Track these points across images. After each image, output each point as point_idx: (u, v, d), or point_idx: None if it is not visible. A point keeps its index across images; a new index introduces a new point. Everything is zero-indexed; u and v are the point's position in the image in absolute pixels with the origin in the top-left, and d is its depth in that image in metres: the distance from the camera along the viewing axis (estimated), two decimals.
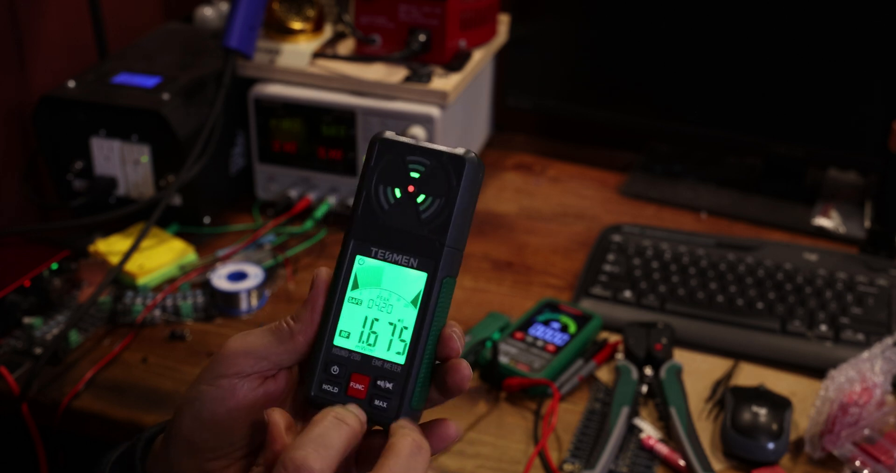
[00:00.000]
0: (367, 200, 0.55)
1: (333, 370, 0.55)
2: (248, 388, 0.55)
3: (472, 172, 0.54)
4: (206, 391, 0.55)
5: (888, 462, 0.85)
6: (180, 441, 0.56)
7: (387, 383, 0.54)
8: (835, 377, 0.87)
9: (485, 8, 1.23)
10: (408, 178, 0.54)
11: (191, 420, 0.55)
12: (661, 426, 0.91)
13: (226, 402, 0.55)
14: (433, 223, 0.54)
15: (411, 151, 0.54)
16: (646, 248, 1.14)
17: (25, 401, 0.92)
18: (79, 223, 1.11)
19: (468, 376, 0.55)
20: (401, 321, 0.54)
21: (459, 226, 0.54)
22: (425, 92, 1.14)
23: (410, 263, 0.54)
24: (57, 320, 1.02)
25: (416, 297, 0.54)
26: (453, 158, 0.54)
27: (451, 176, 0.54)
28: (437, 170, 0.54)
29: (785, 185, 1.33)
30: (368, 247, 0.55)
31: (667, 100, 1.33)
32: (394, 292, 0.54)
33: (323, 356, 0.55)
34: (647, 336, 0.98)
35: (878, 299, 1.06)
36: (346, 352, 0.55)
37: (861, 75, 1.22)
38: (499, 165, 1.40)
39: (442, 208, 0.54)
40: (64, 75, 1.23)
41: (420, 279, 0.54)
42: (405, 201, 0.54)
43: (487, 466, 0.87)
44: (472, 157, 0.54)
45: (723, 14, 1.25)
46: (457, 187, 0.54)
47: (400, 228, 0.54)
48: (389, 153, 0.54)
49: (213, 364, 0.55)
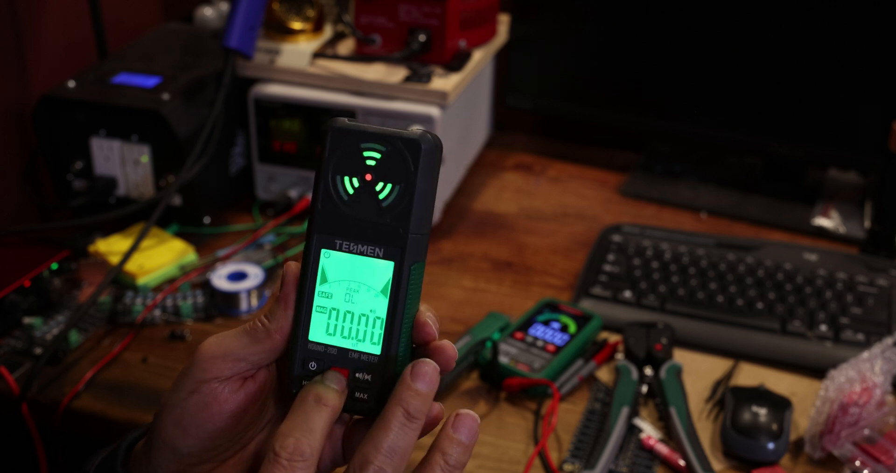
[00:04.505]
0: (325, 192, 0.53)
1: (311, 365, 0.54)
2: (230, 391, 0.55)
3: (428, 153, 0.52)
4: (187, 398, 0.54)
5: (888, 462, 0.85)
6: (162, 446, 0.55)
7: (365, 374, 0.54)
8: (835, 377, 0.87)
9: (485, 8, 1.23)
10: (364, 166, 0.53)
11: (172, 427, 0.55)
12: (661, 426, 0.91)
13: (208, 407, 0.54)
14: (394, 211, 0.53)
15: (365, 137, 0.53)
16: (646, 248, 1.14)
17: (25, 401, 0.92)
18: (79, 223, 1.11)
19: (454, 355, 0.54)
20: (373, 312, 0.54)
21: (421, 211, 0.53)
22: (425, 92, 1.14)
23: (376, 253, 0.53)
24: (57, 320, 1.02)
25: (385, 286, 0.53)
26: (408, 142, 0.52)
27: (407, 160, 0.52)
28: (393, 155, 0.52)
29: (785, 185, 1.33)
30: (332, 240, 0.54)
31: (667, 100, 1.33)
32: (363, 283, 0.53)
33: (300, 352, 0.54)
34: (647, 336, 0.98)
35: (878, 299, 1.06)
36: (321, 347, 0.54)
37: (861, 75, 1.22)
38: (499, 165, 1.40)
39: (402, 194, 0.52)
40: (64, 75, 1.23)
41: (387, 269, 0.53)
42: (364, 191, 0.53)
43: (487, 466, 0.87)
44: (428, 137, 0.52)
45: (723, 14, 1.25)
46: (415, 172, 0.52)
47: (362, 218, 0.53)
48: (344, 142, 0.53)
49: (191, 370, 0.55)
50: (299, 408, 0.52)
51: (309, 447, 0.50)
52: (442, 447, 0.52)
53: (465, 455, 0.52)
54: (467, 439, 0.52)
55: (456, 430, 0.52)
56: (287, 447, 0.50)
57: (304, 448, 0.50)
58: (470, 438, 0.52)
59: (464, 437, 0.52)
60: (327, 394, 0.52)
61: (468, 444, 0.52)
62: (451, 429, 0.52)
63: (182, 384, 0.55)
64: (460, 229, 1.24)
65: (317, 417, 0.51)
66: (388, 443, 0.50)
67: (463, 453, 0.52)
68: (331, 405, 0.52)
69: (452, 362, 0.54)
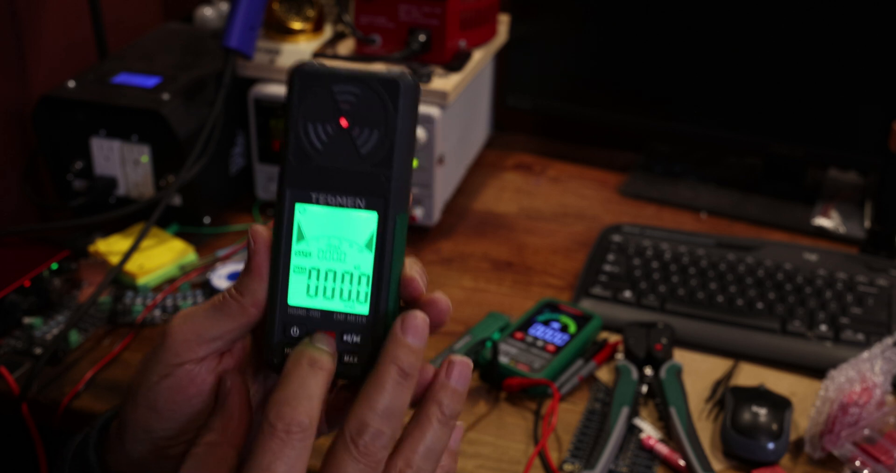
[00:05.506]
0: (297, 142, 0.50)
1: (293, 331, 0.51)
2: (207, 370, 0.51)
3: (408, 93, 0.49)
4: (160, 382, 0.50)
5: (888, 462, 0.85)
6: (135, 430, 0.52)
7: (354, 336, 0.50)
8: (835, 377, 0.87)
9: (485, 8, 1.23)
10: (338, 111, 0.49)
11: (146, 411, 0.51)
12: (661, 426, 0.91)
13: (184, 391, 0.51)
14: (375, 158, 0.49)
15: (337, 80, 0.49)
16: (646, 248, 1.14)
17: (25, 401, 0.92)
18: (79, 223, 1.11)
19: (447, 308, 0.51)
20: (357, 268, 0.50)
21: (403, 156, 0.50)
22: (425, 92, 1.14)
23: (357, 203, 0.50)
24: (57, 320, 1.02)
25: (369, 240, 0.50)
26: (385, 82, 0.49)
27: (386, 102, 0.49)
28: (370, 98, 0.49)
29: (785, 185, 1.33)
30: (307, 193, 0.50)
31: (667, 100, 1.33)
32: (344, 239, 0.50)
33: (279, 318, 0.51)
34: (647, 336, 0.98)
35: (878, 299, 1.06)
36: (303, 311, 0.51)
37: (861, 75, 1.22)
38: (499, 165, 1.40)
39: (382, 138, 0.49)
40: (64, 75, 1.23)
41: (371, 220, 0.50)
42: (340, 137, 0.50)
43: (487, 466, 0.87)
44: (407, 77, 0.49)
45: (723, 14, 1.25)
46: (395, 114, 0.49)
47: (339, 167, 0.50)
48: (314, 86, 0.49)
49: (162, 354, 0.51)
50: (293, 374, 0.48)
51: (307, 416, 0.46)
52: (437, 396, 0.49)
53: (460, 404, 0.49)
54: (461, 386, 0.50)
55: (449, 377, 0.49)
56: (284, 416, 0.46)
57: (301, 417, 0.46)
58: (464, 385, 0.50)
59: (458, 384, 0.49)
60: (321, 357, 0.48)
61: (462, 391, 0.50)
62: (445, 376, 0.49)
63: (153, 369, 0.51)
64: (460, 229, 1.24)
65: (313, 382, 0.47)
66: (384, 404, 0.47)
67: (458, 401, 0.49)
68: (326, 368, 0.48)
69: (445, 316, 0.51)
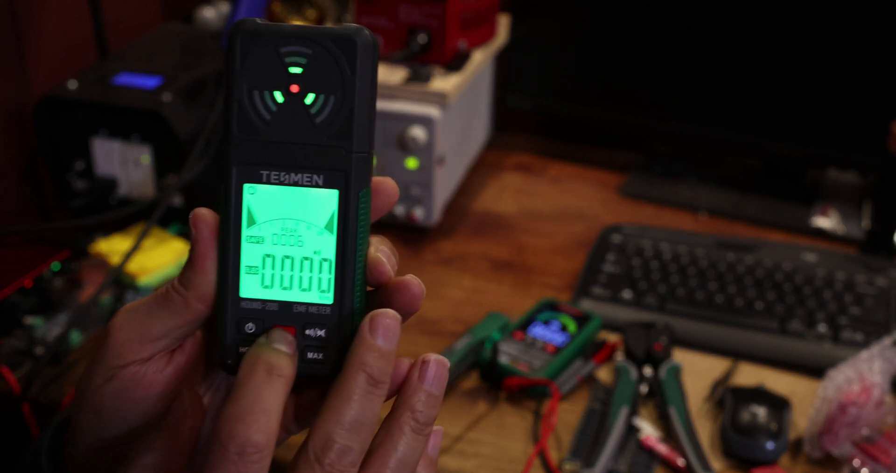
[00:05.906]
0: (241, 113, 0.44)
1: (248, 327, 0.45)
2: (155, 370, 0.46)
3: (366, 52, 0.44)
4: (104, 386, 0.46)
5: (887, 462, 0.85)
6: (83, 434, 0.47)
7: (317, 330, 0.45)
8: (834, 377, 0.88)
9: (485, 8, 1.23)
10: (288, 75, 0.44)
11: (92, 416, 0.47)
12: (660, 425, 0.92)
13: (131, 394, 0.46)
14: (332, 127, 0.44)
15: (285, 39, 0.43)
16: (645, 248, 1.14)
17: (26, 401, 0.92)
18: (79, 224, 1.11)
19: (420, 292, 0.46)
20: (318, 253, 0.45)
21: (364, 124, 0.44)
22: (425, 92, 1.14)
23: (314, 181, 0.44)
24: (58, 320, 1.03)
25: (330, 221, 0.45)
26: (340, 40, 0.43)
27: (342, 62, 0.43)
28: (323, 58, 0.43)
29: (784, 185, 1.33)
30: (257, 171, 0.44)
31: (667, 100, 1.33)
32: (301, 220, 0.45)
33: (231, 314, 0.45)
34: (647, 336, 0.98)
35: (877, 299, 1.06)
36: (258, 303, 0.45)
37: (860, 75, 1.22)
38: (499, 165, 1.40)
39: (339, 105, 0.44)
40: (64, 75, 1.23)
41: (331, 198, 0.44)
42: (291, 105, 0.44)
43: (487, 466, 0.87)
44: (364, 33, 0.44)
45: (722, 14, 1.25)
46: (352, 76, 0.43)
47: (291, 140, 0.44)
48: (257, 48, 0.43)
49: (105, 356, 0.46)
50: (247, 383, 0.42)
51: (264, 433, 0.41)
52: (409, 402, 0.44)
53: (435, 409, 0.45)
54: (437, 388, 0.45)
55: (423, 379, 0.45)
56: (237, 436, 0.41)
57: (256, 436, 0.41)
58: (439, 387, 0.45)
59: (433, 387, 0.45)
60: (279, 361, 0.43)
61: (438, 395, 0.45)
62: (418, 379, 0.45)
63: (96, 371, 0.46)
64: (460, 229, 1.24)
65: (270, 393, 0.42)
66: (351, 416, 0.42)
67: (433, 406, 0.45)
68: (285, 374, 0.43)
69: (418, 301, 0.46)
